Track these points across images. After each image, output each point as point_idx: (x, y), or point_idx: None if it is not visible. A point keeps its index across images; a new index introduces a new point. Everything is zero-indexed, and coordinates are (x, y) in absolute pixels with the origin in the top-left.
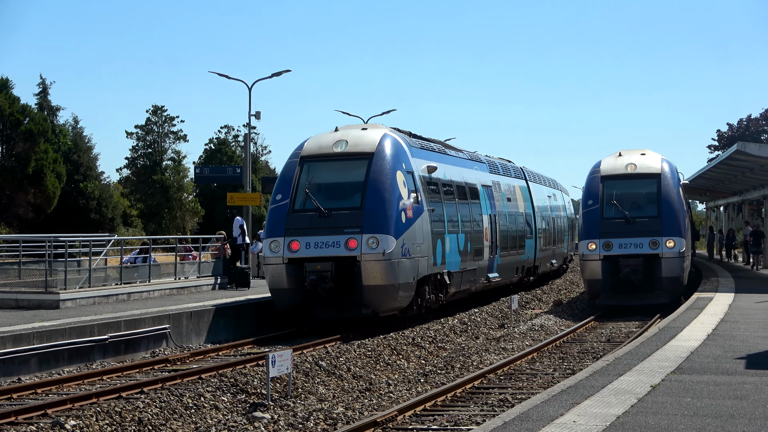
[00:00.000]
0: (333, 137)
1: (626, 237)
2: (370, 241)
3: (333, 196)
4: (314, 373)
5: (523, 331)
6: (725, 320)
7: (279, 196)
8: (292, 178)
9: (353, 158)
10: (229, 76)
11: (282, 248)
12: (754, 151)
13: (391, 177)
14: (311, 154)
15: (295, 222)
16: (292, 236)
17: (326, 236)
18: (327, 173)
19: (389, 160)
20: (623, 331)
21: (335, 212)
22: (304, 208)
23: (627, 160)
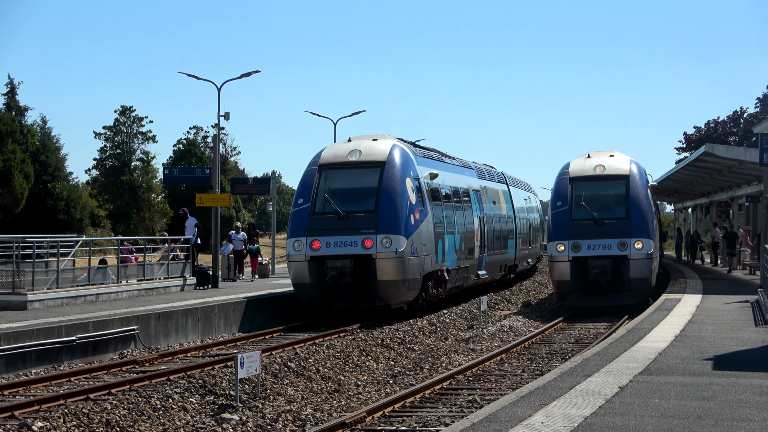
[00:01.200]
0: (347, 147)
1: (595, 238)
2: (383, 240)
3: (349, 200)
4: (283, 374)
5: (492, 333)
6: (693, 321)
7: (301, 200)
8: (312, 184)
9: (367, 166)
10: (198, 77)
11: (305, 247)
12: (722, 153)
13: (401, 183)
14: (328, 162)
15: (316, 223)
16: (314, 236)
17: (344, 236)
18: (343, 179)
19: (399, 168)
20: (592, 332)
21: (352, 215)
22: (324, 210)
23: (595, 162)
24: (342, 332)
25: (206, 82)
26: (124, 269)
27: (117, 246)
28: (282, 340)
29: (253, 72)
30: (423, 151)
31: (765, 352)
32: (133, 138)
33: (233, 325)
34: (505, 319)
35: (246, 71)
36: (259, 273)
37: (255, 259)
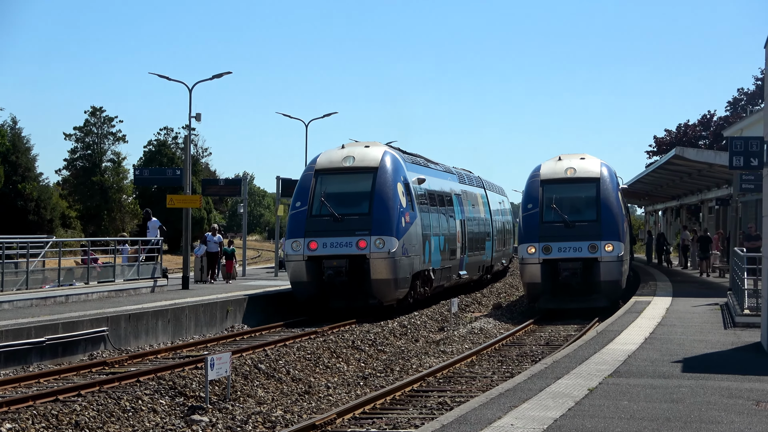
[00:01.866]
0: (341, 153)
1: (565, 241)
2: (377, 241)
3: (344, 203)
4: (253, 375)
5: (462, 335)
6: (662, 324)
7: (298, 203)
8: (309, 188)
9: (360, 172)
10: (169, 78)
11: (302, 247)
12: (692, 156)
13: (393, 187)
14: (324, 167)
15: (313, 225)
16: (312, 237)
17: (340, 237)
18: (339, 184)
19: (390, 174)
20: (562, 334)
21: (347, 217)
22: (321, 213)
23: (566, 165)
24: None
25: (177, 83)
26: (94, 271)
27: (87, 247)
28: (252, 341)
29: (225, 73)
30: (411, 157)
31: (734, 354)
32: (103, 139)
33: (203, 326)
34: (475, 321)
35: (217, 72)
36: (224, 275)
37: (230, 262)
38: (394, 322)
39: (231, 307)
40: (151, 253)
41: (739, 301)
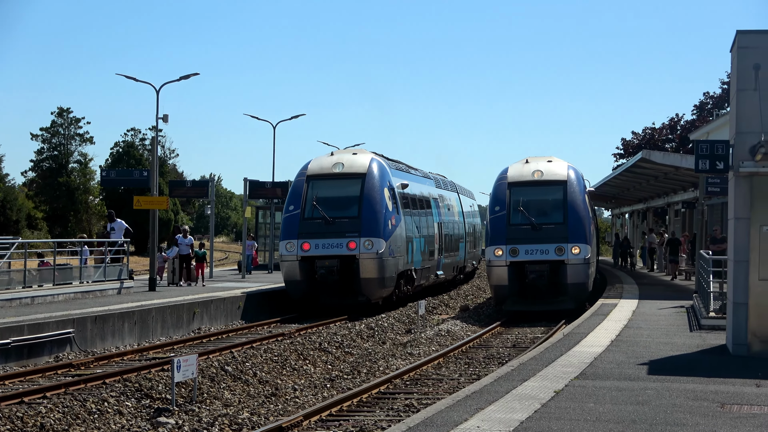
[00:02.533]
0: (331, 160)
1: (532, 243)
2: (366, 243)
3: (335, 207)
4: (220, 378)
5: (429, 337)
6: (629, 326)
7: (291, 207)
8: (301, 192)
9: (350, 177)
10: (136, 79)
11: (296, 248)
12: (659, 159)
13: (380, 192)
14: (315, 173)
15: (306, 227)
16: (304, 239)
17: (332, 239)
18: (329, 189)
19: (378, 179)
20: (529, 336)
21: (338, 220)
22: (313, 216)
23: (534, 167)
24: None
25: (145, 84)
26: (61, 272)
27: (54, 249)
28: (219, 343)
29: (192, 74)
30: (394, 163)
31: (699, 356)
32: (70, 140)
33: (170, 328)
34: (443, 324)
35: (185, 74)
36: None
37: (201, 264)
38: (362, 324)
39: (198, 309)
40: (118, 255)
41: (705, 304)
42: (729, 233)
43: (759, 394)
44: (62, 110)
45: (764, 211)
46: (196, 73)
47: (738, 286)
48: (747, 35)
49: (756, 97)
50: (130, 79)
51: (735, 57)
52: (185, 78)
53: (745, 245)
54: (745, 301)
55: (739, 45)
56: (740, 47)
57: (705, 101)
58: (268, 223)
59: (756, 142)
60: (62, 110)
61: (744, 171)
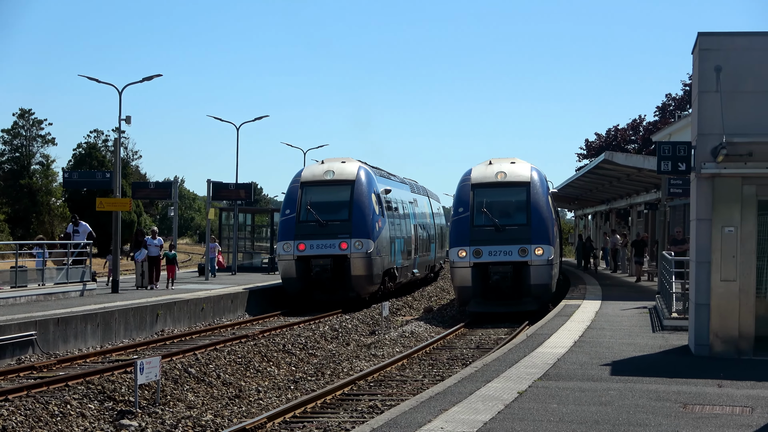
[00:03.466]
0: (323, 168)
1: (496, 244)
2: (356, 243)
3: (327, 211)
4: (184, 380)
5: (393, 338)
6: (592, 327)
7: (287, 211)
8: (296, 198)
9: (340, 184)
10: (99, 80)
11: (292, 249)
12: (621, 161)
13: (368, 197)
14: (308, 180)
15: (301, 230)
16: (300, 240)
17: (325, 240)
18: (321, 194)
19: (366, 185)
20: (492, 337)
21: (330, 222)
22: (307, 219)
23: (497, 169)
24: (315, 324)
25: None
26: (23, 274)
27: (15, 251)
28: (183, 345)
29: (155, 76)
30: (377, 170)
31: (662, 357)
32: (32, 141)
33: (133, 330)
34: (406, 325)
35: (148, 75)
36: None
37: (172, 266)
38: (326, 326)
39: (161, 311)
40: (81, 257)
41: (668, 305)
42: (691, 234)
43: (721, 394)
44: (24, 111)
45: (726, 212)
46: (159, 75)
47: (700, 287)
48: (708, 37)
49: (717, 99)
50: (92, 80)
51: (697, 59)
52: (148, 79)
53: (707, 246)
54: (707, 302)
55: (701, 47)
56: (702, 49)
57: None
58: (231, 225)
59: (717, 143)
60: (24, 111)
61: (706, 172)
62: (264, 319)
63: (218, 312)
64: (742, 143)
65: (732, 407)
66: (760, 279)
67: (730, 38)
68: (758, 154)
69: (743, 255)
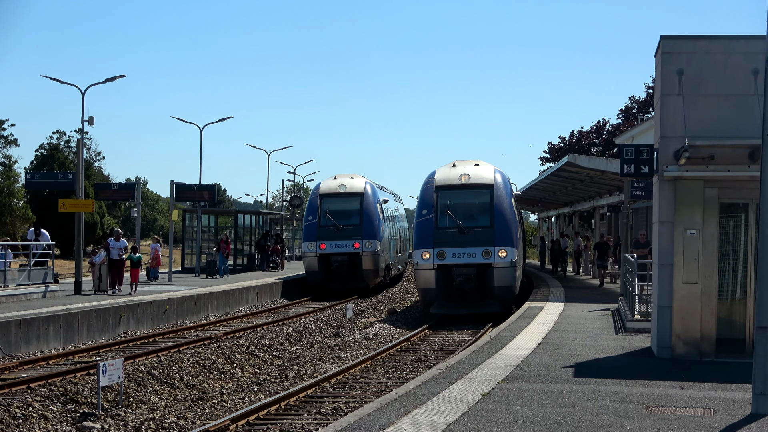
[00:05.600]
0: (336, 183)
1: (460, 246)
2: (367, 243)
3: (342, 217)
4: (146, 382)
5: (357, 340)
6: (555, 329)
7: (310, 217)
8: (317, 207)
9: (351, 196)
10: (62, 81)
11: (315, 248)
12: (584, 163)
13: (374, 207)
14: (325, 193)
15: (322, 232)
16: (321, 240)
17: (341, 240)
18: (336, 204)
19: (371, 197)
20: (456, 339)
21: (345, 227)
22: (327, 224)
23: (461, 171)
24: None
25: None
26: None
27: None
28: (146, 347)
29: (118, 77)
30: (377, 184)
31: (624, 359)
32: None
33: (96, 332)
34: (370, 327)
35: (111, 75)
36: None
37: (136, 270)
38: (289, 328)
39: (124, 313)
40: (43, 258)
41: (630, 307)
42: (654, 237)
43: (683, 395)
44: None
45: (688, 214)
46: (122, 75)
47: (662, 289)
48: (671, 41)
49: (680, 102)
50: (55, 80)
51: (659, 62)
52: (111, 80)
53: (669, 249)
54: (669, 304)
55: (663, 50)
56: (664, 52)
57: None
58: (195, 227)
59: (680, 146)
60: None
61: (668, 175)
62: (229, 320)
63: (182, 314)
64: (704, 146)
65: (694, 409)
66: (722, 281)
67: (692, 41)
68: (720, 156)
69: (705, 257)
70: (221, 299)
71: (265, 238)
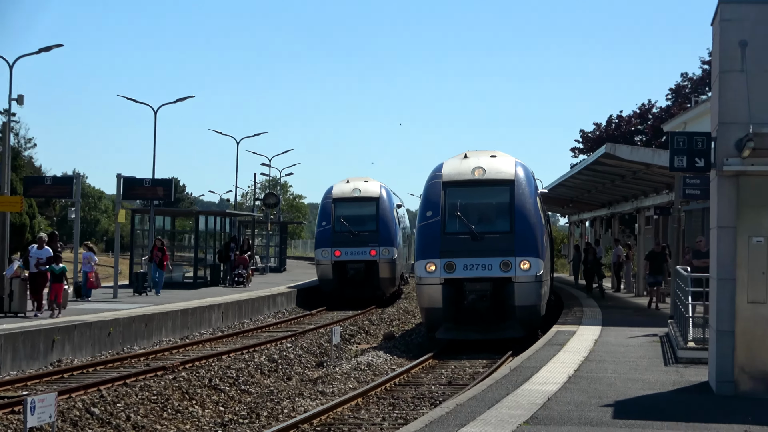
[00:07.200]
0: (349, 186)
1: (473, 257)
2: (383, 251)
3: (357, 223)
4: (85, 422)
5: (346, 371)
6: (590, 359)
7: (324, 223)
8: (330, 212)
9: (366, 200)
10: None
11: (330, 254)
12: (625, 155)
13: (391, 212)
14: (338, 197)
15: (337, 239)
16: (336, 246)
17: (357, 247)
18: (351, 209)
19: (387, 202)
20: (467, 371)
21: (361, 233)
22: (341, 230)
23: (474, 164)
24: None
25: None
26: None
27: None
28: (84, 379)
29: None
30: (390, 188)
31: (676, 396)
32: None
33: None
34: (362, 355)
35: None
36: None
37: (58, 285)
38: (262, 356)
39: (58, 337)
40: None
41: (683, 332)
42: (711, 246)
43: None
44: None
45: (754, 218)
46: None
47: (722, 310)
48: (731, 6)
49: (742, 81)
50: None
51: (717, 32)
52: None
53: (730, 260)
54: (731, 329)
55: (722, 17)
56: (723, 20)
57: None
58: (146, 230)
59: (743, 134)
60: None
61: (729, 170)
62: (188, 346)
63: (129, 338)
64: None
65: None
66: None
67: (758, 7)
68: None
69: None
70: (178, 320)
71: (227, 247)
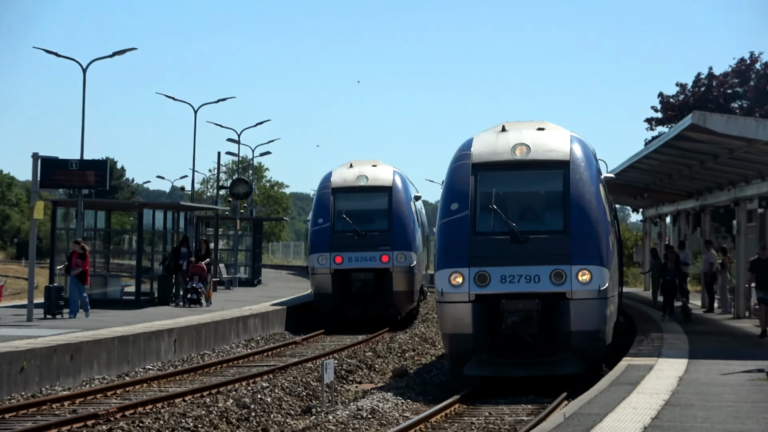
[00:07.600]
0: (353, 172)
1: (513, 265)
2: (399, 256)
3: (364, 220)
4: None
5: (342, 420)
6: (672, 403)
7: (320, 220)
8: (328, 205)
9: (376, 191)
10: None
11: (328, 261)
12: (719, 127)
13: (407, 206)
14: (339, 186)
15: (337, 241)
16: (336, 251)
17: (364, 251)
18: (356, 202)
19: (403, 193)
20: (507, 419)
21: (369, 233)
22: (343, 229)
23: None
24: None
25: None
26: None
27: None
28: None
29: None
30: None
31: None
32: None
33: None
34: (364, 398)
35: None
36: None
37: None
38: (229, 400)
39: None
40: None
41: None
42: None
43: None
44: None
45: None
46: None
47: None
48: None
49: None
50: None
51: None
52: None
53: None
54: None
55: None
56: None
57: None
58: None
59: None
60: None
61: None
62: (128, 386)
63: (49, 375)
64: None
65: None
66: None
67: None
68: None
69: None
70: (115, 351)
71: (177, 252)
